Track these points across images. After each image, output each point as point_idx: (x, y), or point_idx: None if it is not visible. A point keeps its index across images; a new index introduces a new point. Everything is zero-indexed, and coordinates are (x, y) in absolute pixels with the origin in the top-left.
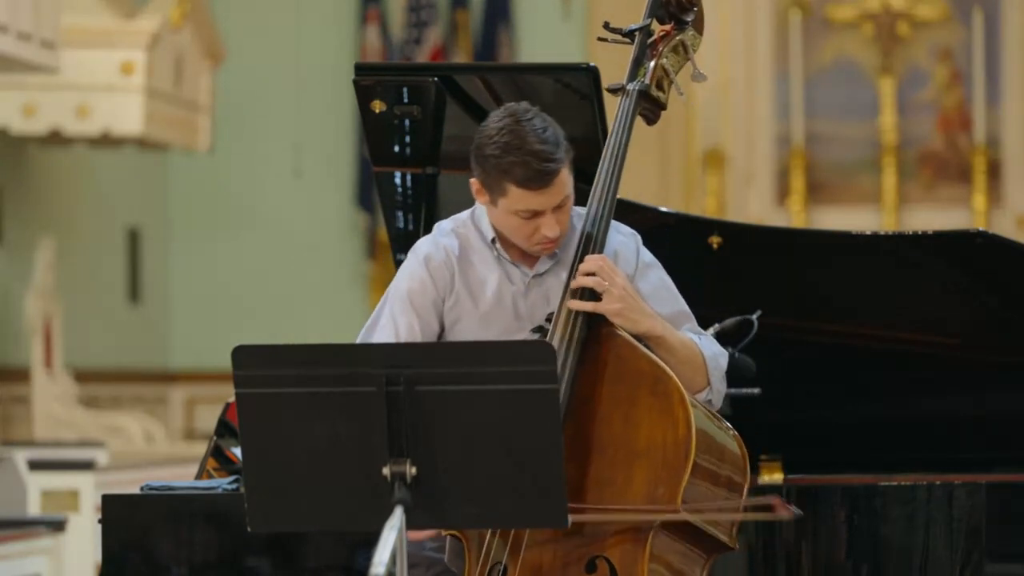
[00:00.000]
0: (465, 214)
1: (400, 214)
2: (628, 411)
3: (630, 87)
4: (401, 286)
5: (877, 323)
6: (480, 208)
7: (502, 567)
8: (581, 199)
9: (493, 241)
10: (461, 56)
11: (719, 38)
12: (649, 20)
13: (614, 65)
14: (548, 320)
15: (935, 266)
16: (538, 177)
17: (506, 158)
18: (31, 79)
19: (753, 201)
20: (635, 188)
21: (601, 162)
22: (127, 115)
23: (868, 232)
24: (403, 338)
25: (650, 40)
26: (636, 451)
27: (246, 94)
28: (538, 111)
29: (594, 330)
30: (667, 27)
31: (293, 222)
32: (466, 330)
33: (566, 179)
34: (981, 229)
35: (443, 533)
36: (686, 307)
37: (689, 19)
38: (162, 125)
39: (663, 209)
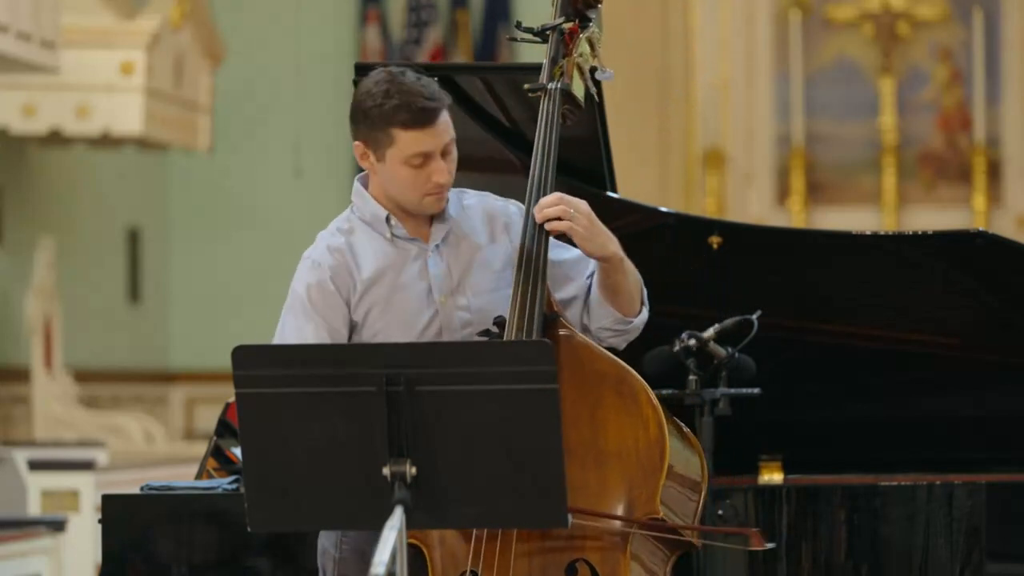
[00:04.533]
0: (343, 214)
1: None
2: (593, 413)
3: (551, 87)
4: (299, 294)
5: (877, 323)
6: (359, 198)
7: (473, 574)
8: (583, 197)
9: (388, 219)
10: (461, 56)
11: (719, 38)
12: (562, 19)
13: (612, 65)
14: (496, 324)
15: (935, 266)
16: (422, 115)
17: (388, 103)
18: (31, 79)
19: (753, 201)
20: (635, 188)
21: (532, 164)
22: (127, 115)
23: (868, 232)
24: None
25: (561, 39)
26: (606, 453)
27: (246, 94)
28: (407, 68)
29: (548, 333)
30: (572, 25)
31: (293, 222)
32: (379, 318)
33: (449, 121)
34: (981, 229)
35: None
36: None
37: (593, 16)
38: (162, 125)
39: (663, 209)
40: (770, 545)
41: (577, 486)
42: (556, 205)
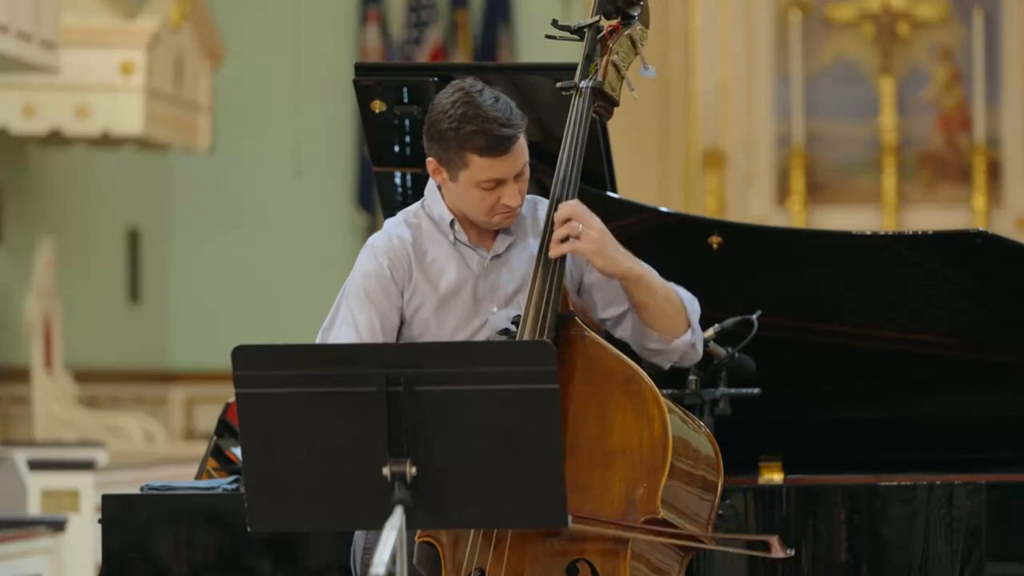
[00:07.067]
0: (414, 206)
1: None
2: (601, 412)
3: (583, 85)
4: (357, 281)
5: (877, 323)
6: (431, 196)
7: (480, 572)
8: (585, 200)
9: (452, 223)
10: (461, 56)
11: (719, 38)
12: (598, 16)
13: None
14: (514, 323)
15: (935, 266)
16: (498, 143)
17: (465, 128)
18: (31, 79)
19: (753, 201)
20: (635, 188)
21: (559, 162)
22: (127, 115)
23: (868, 232)
24: (364, 335)
25: (599, 36)
26: (611, 452)
27: (246, 94)
28: (485, 84)
29: (562, 332)
30: (614, 22)
31: (293, 222)
32: (426, 317)
33: (524, 145)
34: (981, 229)
35: (416, 539)
36: None
37: (635, 13)
38: (162, 125)
39: (663, 209)
40: (790, 552)
41: (582, 485)
42: (565, 222)
